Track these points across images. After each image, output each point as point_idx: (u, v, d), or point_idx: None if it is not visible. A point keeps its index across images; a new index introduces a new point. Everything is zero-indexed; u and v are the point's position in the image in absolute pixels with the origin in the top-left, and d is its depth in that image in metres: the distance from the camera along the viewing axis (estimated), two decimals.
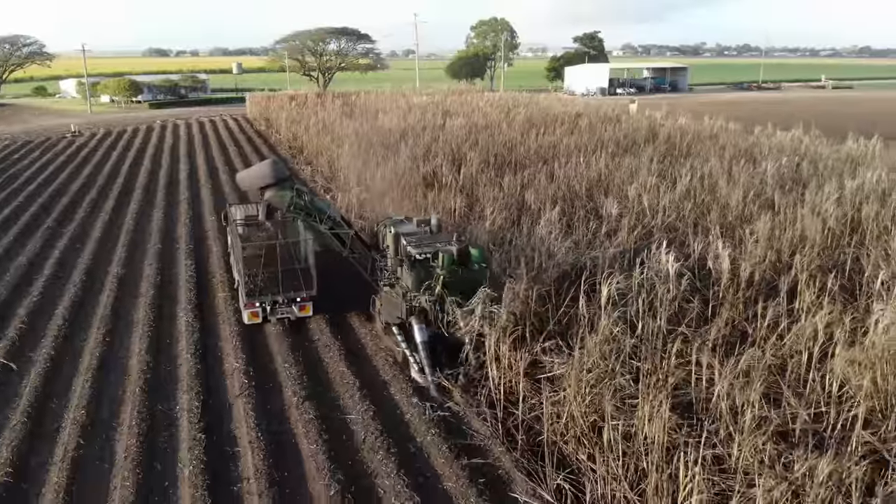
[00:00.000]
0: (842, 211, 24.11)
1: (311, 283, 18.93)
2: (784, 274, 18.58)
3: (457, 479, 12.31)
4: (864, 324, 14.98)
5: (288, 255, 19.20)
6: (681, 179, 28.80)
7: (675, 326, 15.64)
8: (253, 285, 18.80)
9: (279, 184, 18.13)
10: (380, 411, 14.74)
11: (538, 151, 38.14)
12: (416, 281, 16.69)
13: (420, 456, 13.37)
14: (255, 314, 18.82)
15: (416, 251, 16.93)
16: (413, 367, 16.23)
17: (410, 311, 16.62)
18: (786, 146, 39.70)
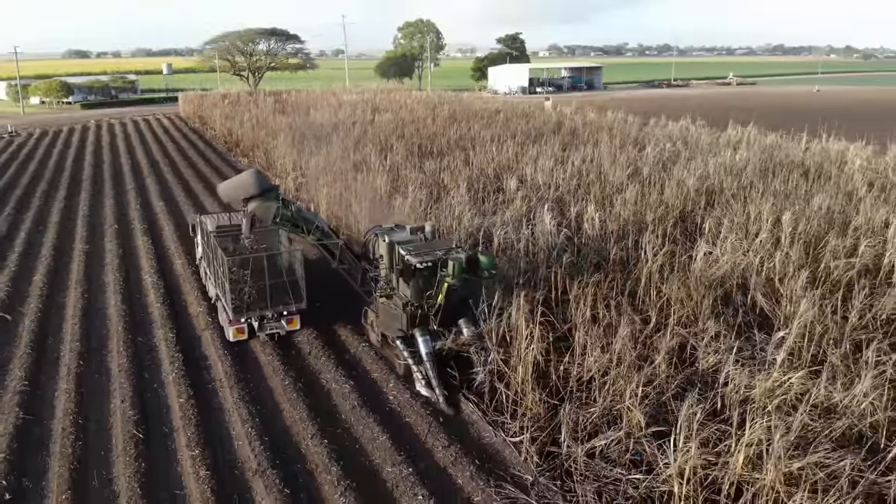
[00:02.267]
0: (700, 182, 29.35)
1: (300, 296, 18.34)
2: (644, 228, 23.47)
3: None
4: (692, 258, 19.89)
5: (275, 267, 18.29)
6: (573, 162, 33.75)
7: (550, 266, 20.22)
8: (240, 300, 17.82)
9: (263, 194, 17.49)
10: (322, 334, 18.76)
11: (458, 142, 42.68)
12: (417, 291, 16.33)
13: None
14: (240, 331, 18.12)
15: (416, 260, 16.17)
16: (419, 381, 15.84)
17: (412, 322, 16.41)
18: (674, 134, 45.38)
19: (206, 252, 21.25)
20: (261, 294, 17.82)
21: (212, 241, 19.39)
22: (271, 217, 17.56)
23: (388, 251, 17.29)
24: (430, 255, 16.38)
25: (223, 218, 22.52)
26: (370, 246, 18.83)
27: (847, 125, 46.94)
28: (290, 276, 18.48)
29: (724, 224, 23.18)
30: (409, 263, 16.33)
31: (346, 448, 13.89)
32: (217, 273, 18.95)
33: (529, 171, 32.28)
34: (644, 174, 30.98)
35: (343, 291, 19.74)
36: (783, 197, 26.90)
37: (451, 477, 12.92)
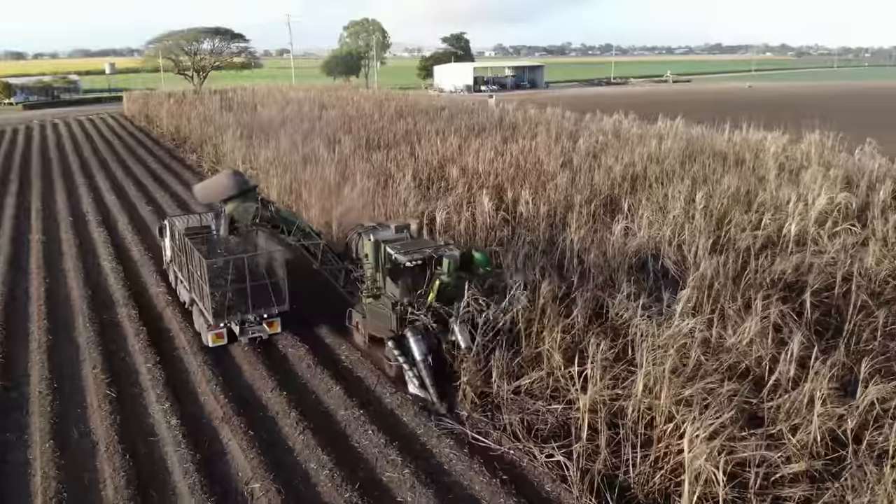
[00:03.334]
0: (626, 169, 31.76)
1: (282, 298, 17.85)
2: (572, 209, 25.65)
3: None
4: (605, 227, 22.14)
5: (256, 269, 17.62)
6: (512, 153, 35.88)
7: (491, 244, 22.24)
8: (220, 304, 17.13)
9: (242, 195, 17.18)
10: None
11: (404, 136, 44.41)
12: (406, 290, 16.13)
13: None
14: (219, 336, 17.51)
15: (406, 258, 16.03)
16: (412, 383, 15.44)
17: (402, 322, 16.09)
18: (607, 128, 47.98)
19: (177, 255, 20.32)
20: (241, 297, 17.23)
21: (187, 244, 18.41)
22: (250, 218, 17.23)
23: (373, 250, 16.98)
24: (419, 252, 16.32)
25: (193, 219, 21.52)
26: (353, 246, 18.69)
27: (770, 117, 50.24)
28: (272, 278, 17.71)
29: (643, 203, 25.54)
30: (398, 262, 16.13)
31: (303, 398, 15.56)
32: (193, 277, 18.23)
33: (471, 161, 34.23)
34: (575, 163, 33.23)
35: (323, 292, 19.38)
36: (702, 180, 29.46)
37: (397, 417, 14.74)
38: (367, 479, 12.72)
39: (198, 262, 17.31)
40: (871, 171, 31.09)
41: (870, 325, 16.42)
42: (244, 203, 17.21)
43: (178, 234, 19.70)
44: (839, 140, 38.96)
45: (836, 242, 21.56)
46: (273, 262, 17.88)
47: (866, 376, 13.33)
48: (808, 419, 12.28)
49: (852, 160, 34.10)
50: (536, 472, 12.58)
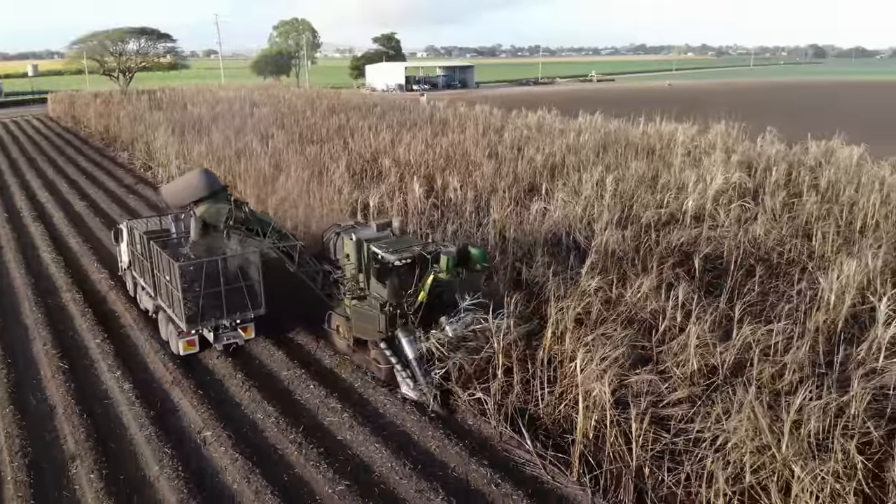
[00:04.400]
0: (546, 159, 33.98)
1: (258, 302, 17.17)
2: (495, 194, 27.58)
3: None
4: (524, 208, 24.16)
5: (230, 271, 16.72)
6: (442, 146, 37.71)
7: (423, 226, 23.92)
8: (193, 310, 16.31)
9: (213, 196, 16.36)
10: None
11: (337, 131, 45.67)
12: (394, 290, 15.58)
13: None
14: (190, 343, 16.86)
15: (395, 257, 15.69)
16: (406, 384, 14.99)
17: (392, 323, 15.58)
18: (531, 123, 50.36)
19: (138, 261, 19.32)
20: (215, 302, 16.49)
21: (154, 247, 17.47)
22: (223, 220, 16.46)
23: (356, 250, 16.42)
24: (407, 251, 15.97)
25: (153, 223, 20.62)
26: (331, 246, 18.19)
27: (683, 111, 53.57)
28: (246, 281, 16.95)
29: (560, 187, 27.70)
30: (385, 261, 15.75)
31: (248, 363, 16.93)
32: (160, 282, 17.49)
33: (403, 153, 35.87)
34: (500, 154, 35.28)
35: (297, 294, 18.79)
36: (614, 167, 31.88)
37: (336, 374, 16.33)
38: (310, 424, 14.20)
39: (168, 266, 16.40)
40: (769, 156, 34.22)
41: (752, 282, 18.80)
42: (216, 204, 16.38)
43: (140, 237, 18.49)
44: (743, 130, 42.35)
45: (730, 217, 24.14)
46: (248, 264, 16.98)
47: (742, 320, 15.56)
48: (689, 356, 14.37)
49: (754, 147, 37.30)
50: (461, 409, 14.32)
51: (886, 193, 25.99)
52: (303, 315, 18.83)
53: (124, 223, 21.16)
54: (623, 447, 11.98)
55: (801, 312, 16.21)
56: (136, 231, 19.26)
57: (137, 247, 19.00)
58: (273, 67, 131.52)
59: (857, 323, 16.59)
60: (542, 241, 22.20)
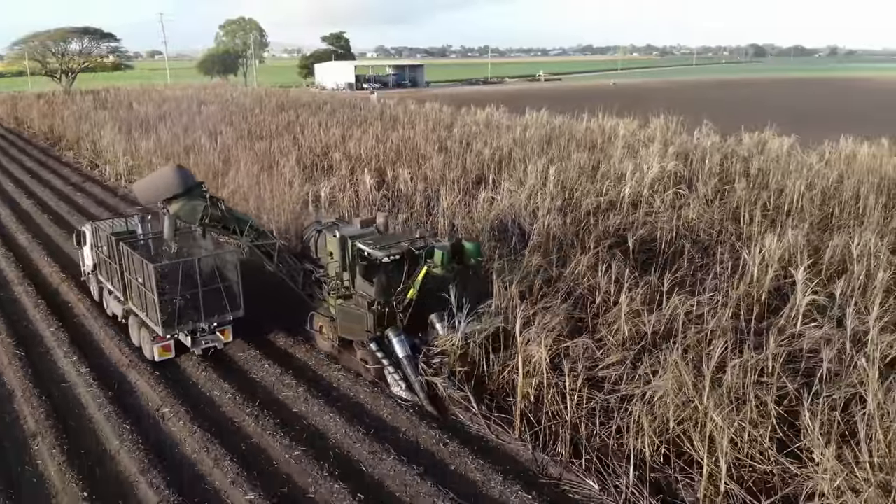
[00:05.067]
0: (494, 152, 35.00)
1: (236, 304, 16.52)
2: (445, 184, 28.44)
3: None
4: (472, 198, 25.09)
5: (209, 272, 16.04)
6: (392, 140, 38.44)
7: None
8: (170, 313, 15.59)
9: (188, 193, 15.70)
10: None
11: (287, 127, 45.98)
12: (382, 288, 15.13)
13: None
14: (166, 348, 16.20)
15: (382, 254, 15.11)
16: (397, 385, 14.66)
17: (380, 322, 15.15)
18: (480, 119, 51.44)
19: (104, 264, 18.42)
20: (193, 304, 15.83)
21: (124, 249, 16.66)
22: (198, 218, 15.84)
23: (340, 247, 15.83)
24: (395, 247, 15.43)
25: (119, 224, 19.43)
26: (312, 244, 17.65)
27: (625, 107, 55.35)
28: (224, 282, 16.29)
29: (506, 178, 28.72)
30: (373, 258, 15.23)
31: None
32: (131, 285, 16.74)
33: (354, 147, 36.49)
34: (450, 148, 36.19)
35: (275, 294, 18.57)
36: (558, 159, 33.05)
37: (291, 353, 16.93)
38: (266, 399, 14.81)
39: (142, 268, 15.73)
40: (704, 147, 35.87)
41: (682, 259, 20.04)
42: (191, 201, 15.71)
43: (108, 239, 17.64)
44: (681, 123, 44.12)
45: (665, 202, 25.46)
46: (225, 264, 16.40)
47: (671, 292, 16.70)
48: (621, 324, 15.43)
49: (690, 139, 38.99)
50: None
51: (811, 179, 27.71)
52: (277, 313, 18.69)
53: (88, 225, 20.00)
54: (560, 406, 12.92)
55: (727, 285, 17.43)
56: (102, 233, 18.39)
57: (104, 249, 18.12)
58: (220, 67, 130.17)
59: (781, 295, 17.93)
60: (490, 227, 23.12)
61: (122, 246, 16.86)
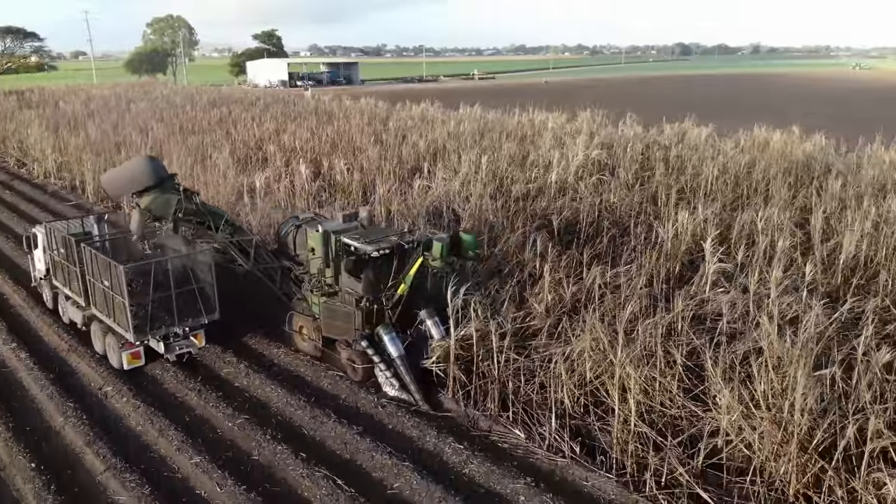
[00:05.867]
0: (429, 144, 35.92)
1: (211, 306, 15.59)
2: (381, 174, 29.18)
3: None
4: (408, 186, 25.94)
5: (182, 272, 15.07)
6: (328, 133, 38.95)
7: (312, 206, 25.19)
8: (141, 317, 14.63)
9: (160, 185, 14.80)
10: None
11: (219, 122, 45.86)
12: (370, 284, 14.54)
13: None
14: (136, 356, 15.18)
15: (371, 248, 14.42)
16: (390, 384, 14.22)
17: (369, 319, 14.60)
18: (415, 114, 52.30)
19: (61, 267, 17.23)
20: (165, 307, 14.89)
21: (88, 250, 15.56)
22: (171, 212, 14.88)
23: (322, 242, 14.88)
24: (384, 241, 14.82)
25: (74, 225, 18.07)
26: (290, 240, 16.82)
27: (553, 102, 57.01)
28: (198, 283, 15.40)
29: (440, 167, 29.67)
30: (361, 253, 14.55)
31: None
32: (94, 289, 15.67)
33: (288, 140, 36.84)
34: (385, 140, 36.93)
35: (247, 294, 17.59)
36: (490, 149, 34.18)
37: (231, 332, 17.35)
38: (208, 375, 15.36)
39: (109, 270, 14.69)
40: (627, 137, 37.61)
41: (602, 236, 21.36)
42: (163, 195, 14.79)
43: (67, 240, 16.47)
44: (607, 116, 45.97)
45: (588, 188, 26.84)
46: (199, 264, 15.47)
47: (591, 265, 17.91)
48: (545, 293, 16.50)
49: (615, 131, 40.75)
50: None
51: (725, 164, 29.58)
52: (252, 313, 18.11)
53: (39, 227, 18.77)
54: (490, 367, 13.86)
55: (642, 257, 18.75)
56: (57, 234, 17.23)
57: (61, 251, 16.94)
58: (148, 65, 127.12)
59: (694, 267, 19.36)
60: (425, 212, 24.00)
61: (84, 247, 15.70)
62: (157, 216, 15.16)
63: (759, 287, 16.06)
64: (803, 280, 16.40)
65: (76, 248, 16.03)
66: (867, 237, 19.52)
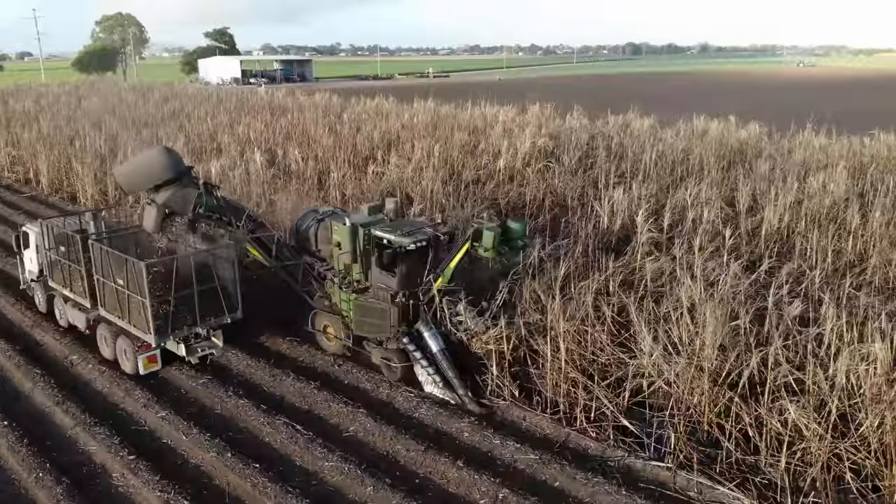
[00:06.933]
0: (383, 135, 36.90)
1: (233, 305, 14.86)
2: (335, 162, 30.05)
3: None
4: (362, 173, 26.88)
5: (204, 269, 14.28)
6: (282, 125, 39.64)
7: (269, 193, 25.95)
8: (163, 318, 13.78)
9: (179, 179, 13.90)
10: None
11: (172, 116, 46.12)
12: (405, 278, 13.92)
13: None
14: (152, 359, 14.27)
15: (408, 241, 13.69)
16: (433, 382, 13.56)
17: (405, 316, 13.85)
18: (370, 108, 53.19)
19: (60, 267, 16.14)
20: (186, 306, 14.08)
21: (98, 248, 14.53)
22: (191, 208, 14.06)
23: (350, 236, 14.20)
24: (419, 233, 14.09)
25: (71, 222, 16.73)
26: (311, 235, 15.84)
27: (506, 97, 58.44)
28: (221, 281, 14.61)
29: (394, 156, 30.70)
30: (399, 246, 13.78)
31: None
32: (104, 289, 14.64)
33: (243, 131, 37.46)
34: (339, 131, 37.80)
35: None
36: (443, 139, 35.33)
37: None
38: None
39: (126, 267, 13.73)
40: (573, 128, 39.18)
41: (545, 213, 22.67)
42: (182, 189, 13.94)
43: (71, 238, 15.42)
44: (555, 110, 47.56)
45: (535, 173, 28.19)
46: (221, 260, 14.64)
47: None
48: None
49: (563, 123, 42.32)
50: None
51: (663, 150, 31.24)
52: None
53: (32, 224, 17.64)
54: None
55: (581, 230, 20.06)
56: (54, 231, 16.23)
57: (61, 250, 15.93)
58: (98, 64, 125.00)
59: (628, 241, 20.76)
60: (379, 196, 24.97)
61: (93, 244, 14.70)
62: (175, 211, 14.32)
63: (686, 255, 17.49)
64: (724, 245, 17.81)
65: (82, 245, 15.01)
66: (790, 210, 21.28)
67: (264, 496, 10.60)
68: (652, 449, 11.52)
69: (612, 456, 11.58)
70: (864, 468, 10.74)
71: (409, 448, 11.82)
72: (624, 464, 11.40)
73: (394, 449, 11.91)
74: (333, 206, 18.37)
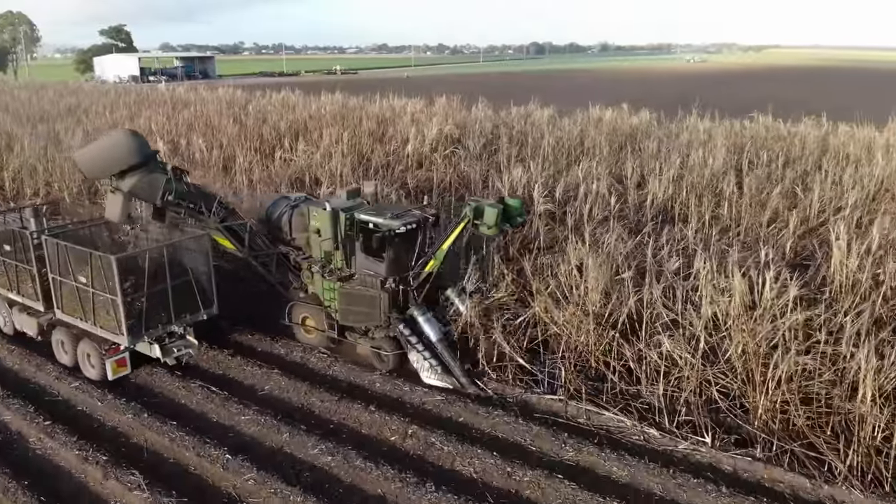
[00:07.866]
0: (290, 125, 37.10)
1: (209, 300, 13.96)
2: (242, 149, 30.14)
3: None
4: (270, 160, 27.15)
5: (177, 262, 13.35)
6: (184, 116, 39.25)
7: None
8: (136, 317, 12.73)
9: (146, 164, 12.99)
10: None
11: (69, 111, 44.85)
12: (393, 263, 13.49)
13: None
14: (121, 363, 13.16)
15: (397, 224, 13.22)
16: (428, 370, 13.22)
17: (394, 302, 13.51)
18: (276, 101, 53.02)
19: (4, 267, 14.84)
20: (160, 303, 13.06)
21: (53, 244, 13.20)
22: (159, 195, 13.17)
23: (331, 221, 13.75)
24: (406, 216, 13.64)
25: (11, 218, 15.40)
26: (283, 223, 15.19)
27: (414, 92, 59.40)
28: (195, 274, 13.75)
29: (302, 144, 31.10)
30: (384, 230, 13.25)
31: None
32: (61, 288, 13.44)
33: (143, 123, 36.83)
34: (244, 122, 37.76)
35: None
36: (351, 128, 35.90)
37: None
38: None
39: (91, 263, 12.61)
40: (478, 118, 40.56)
41: (452, 193, 23.67)
42: (150, 174, 13.06)
43: (19, 234, 14.24)
44: (461, 102, 48.91)
45: (442, 159, 29.27)
46: (195, 252, 13.75)
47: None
48: None
49: (469, 114, 43.66)
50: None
51: (560, 136, 32.95)
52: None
53: None
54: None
55: None
56: None
57: (4, 249, 14.58)
58: None
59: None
60: (287, 181, 25.38)
61: (47, 240, 13.39)
62: (141, 199, 13.62)
63: (577, 223, 18.90)
64: (612, 214, 19.33)
65: (32, 241, 13.84)
66: (673, 183, 23.15)
67: (183, 448, 11.08)
68: (546, 384, 12.68)
69: (511, 393, 12.66)
70: (732, 390, 12.20)
71: (323, 399, 12.53)
72: (521, 399, 12.51)
73: (308, 401, 12.60)
74: (308, 194, 17.53)
